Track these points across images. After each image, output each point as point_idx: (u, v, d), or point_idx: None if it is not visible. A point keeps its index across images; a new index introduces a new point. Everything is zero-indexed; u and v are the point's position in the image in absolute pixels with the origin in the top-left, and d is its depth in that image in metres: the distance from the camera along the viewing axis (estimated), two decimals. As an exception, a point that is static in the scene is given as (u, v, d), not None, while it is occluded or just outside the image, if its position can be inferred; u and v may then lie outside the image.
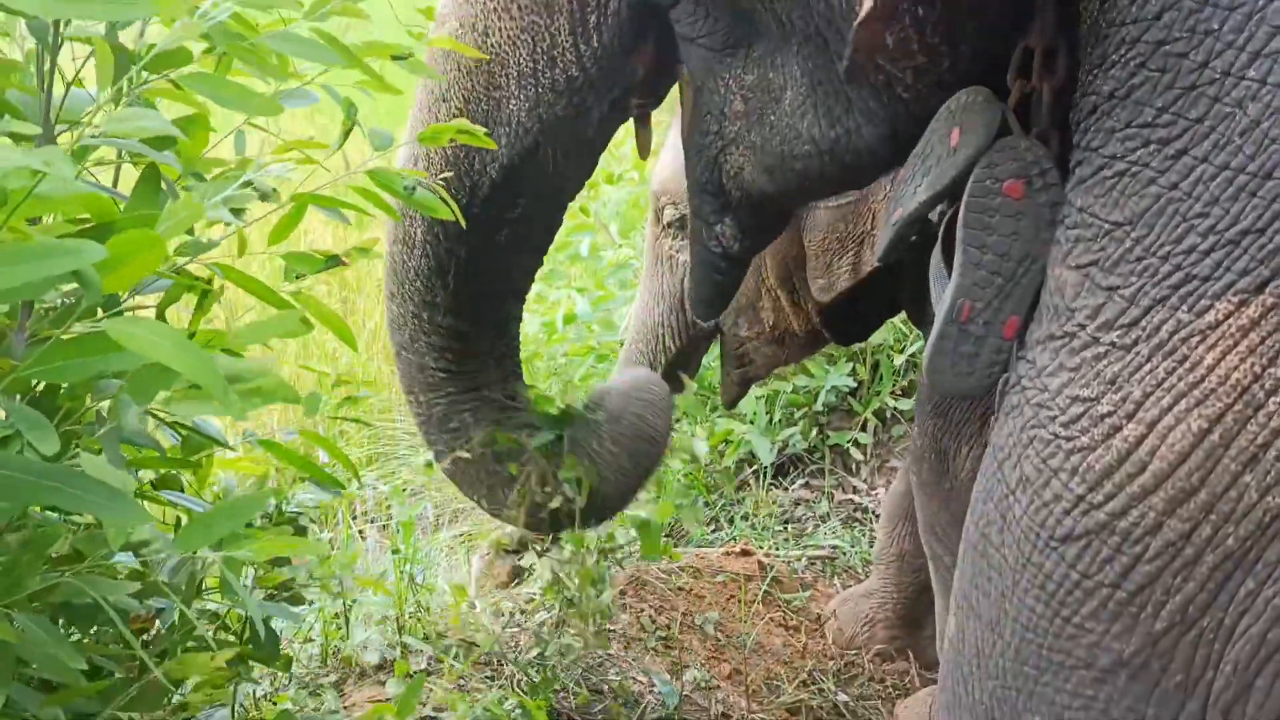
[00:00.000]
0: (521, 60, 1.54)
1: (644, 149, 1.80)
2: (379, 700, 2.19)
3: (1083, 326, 1.15)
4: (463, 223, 1.34)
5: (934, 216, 1.40)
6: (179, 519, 1.41)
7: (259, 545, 1.01)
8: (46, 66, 1.10)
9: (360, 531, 3.52)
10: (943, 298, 1.28)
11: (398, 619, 2.29)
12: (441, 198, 1.30)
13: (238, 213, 1.06)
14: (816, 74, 1.41)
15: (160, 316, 1.21)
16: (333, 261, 1.32)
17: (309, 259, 1.28)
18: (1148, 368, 1.09)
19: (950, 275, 1.28)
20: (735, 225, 1.64)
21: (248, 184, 1.04)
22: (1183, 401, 1.07)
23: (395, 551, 2.50)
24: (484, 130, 1.49)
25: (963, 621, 1.26)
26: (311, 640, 2.43)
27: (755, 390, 3.74)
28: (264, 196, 1.08)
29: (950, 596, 2.21)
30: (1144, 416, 1.09)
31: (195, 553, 1.06)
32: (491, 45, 1.55)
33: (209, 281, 1.16)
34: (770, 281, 2.43)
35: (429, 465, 2.00)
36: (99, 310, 0.91)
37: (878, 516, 3.12)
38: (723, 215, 1.64)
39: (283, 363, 4.49)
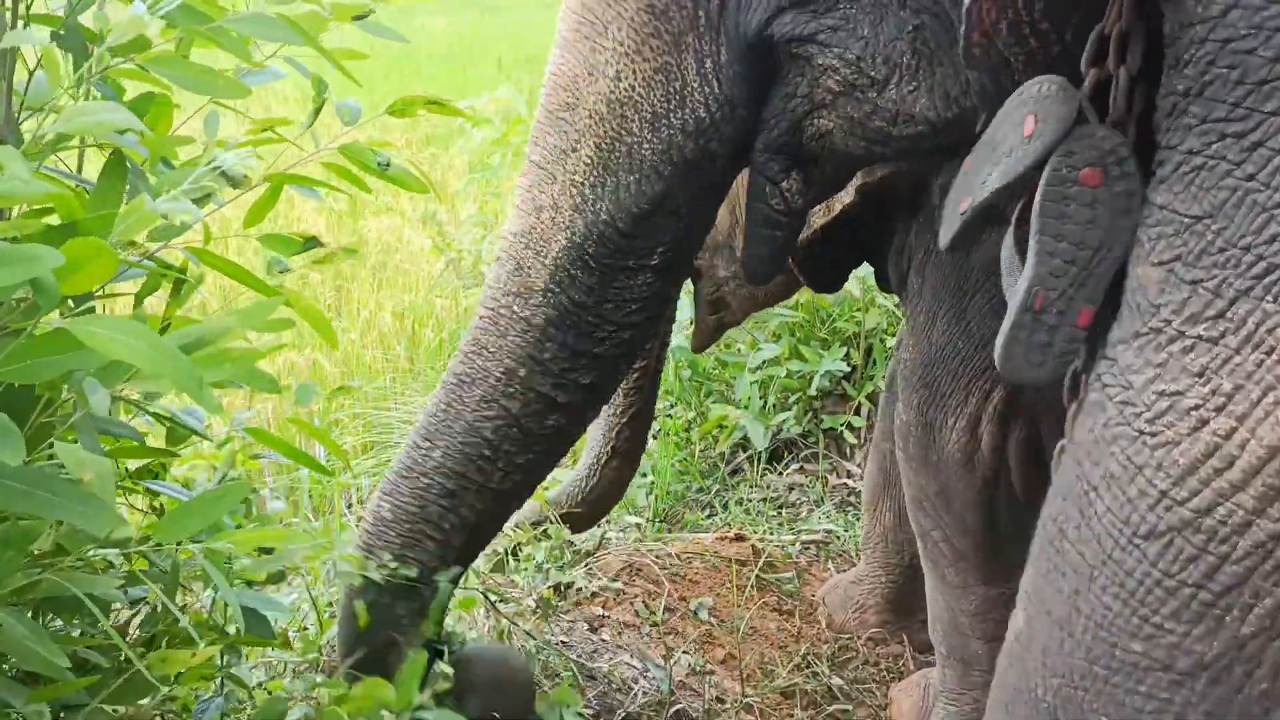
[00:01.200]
0: (655, 102, 1.57)
1: None
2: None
3: (1168, 322, 1.13)
4: (436, 193, 1.34)
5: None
6: (154, 507, 1.40)
7: (238, 537, 1.00)
8: (6, 60, 1.09)
9: (358, 520, 3.52)
10: (1016, 287, 1.27)
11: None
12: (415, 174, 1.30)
13: (204, 200, 1.05)
14: (937, 55, 1.44)
15: (138, 305, 1.21)
16: (311, 243, 1.31)
17: (287, 241, 1.28)
18: (1237, 359, 1.07)
19: (1023, 265, 1.27)
20: (801, 178, 1.66)
21: (217, 170, 1.03)
22: (1271, 394, 1.05)
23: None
24: (618, 179, 1.56)
25: (1031, 617, 1.24)
26: (306, 629, 2.43)
27: (749, 375, 3.75)
28: (234, 184, 1.07)
29: (935, 580, 2.22)
30: (1234, 409, 1.06)
31: (175, 545, 1.05)
32: (623, 90, 1.58)
33: (184, 270, 1.15)
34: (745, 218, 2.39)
35: None
36: (69, 304, 0.90)
37: (871, 500, 3.12)
38: (789, 170, 1.66)
39: (274, 353, 4.49)
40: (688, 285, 2.60)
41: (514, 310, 1.71)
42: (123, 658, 1.24)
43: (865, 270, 2.60)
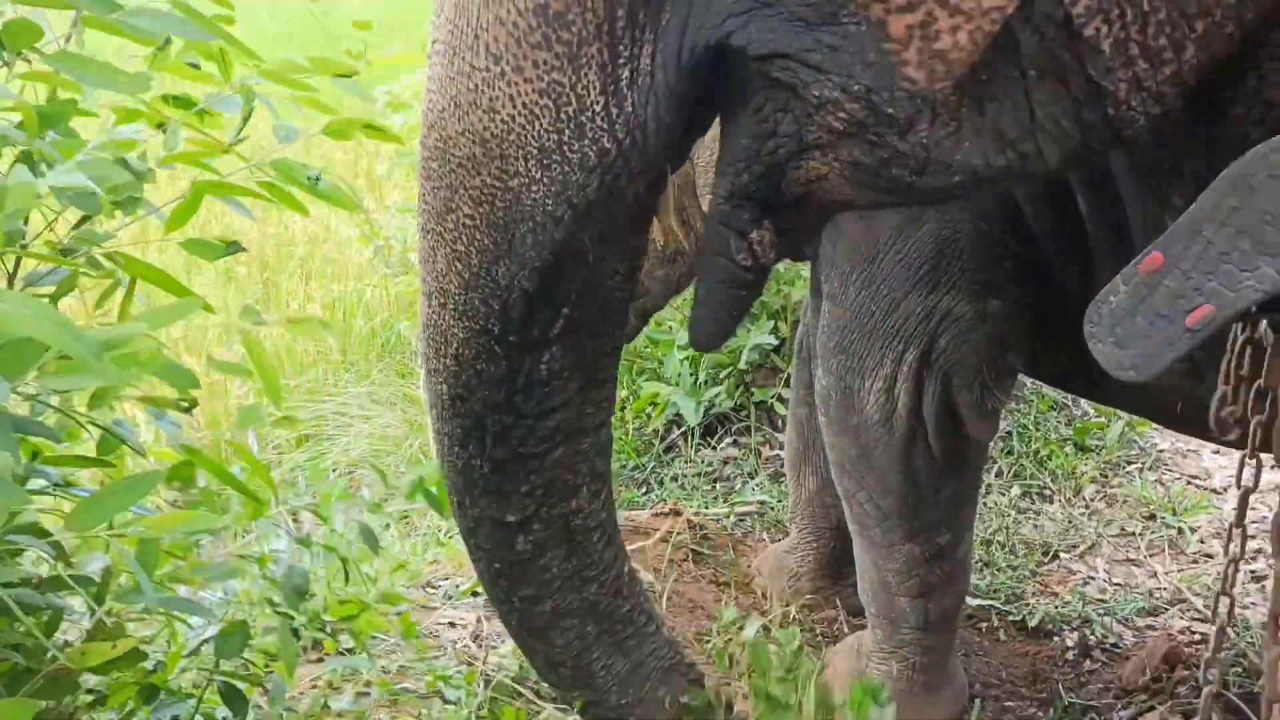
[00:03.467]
0: (542, 132, 1.28)
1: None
2: (317, 679, 2.20)
3: None
4: (363, 209, 1.32)
5: None
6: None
7: (153, 522, 1.01)
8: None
9: (294, 515, 3.50)
10: None
11: (325, 598, 2.29)
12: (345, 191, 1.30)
13: (132, 204, 1.05)
14: (991, 91, 1.20)
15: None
16: (233, 247, 1.31)
17: (210, 246, 1.28)
18: None
19: None
20: (773, 230, 1.38)
21: (123, 162, 1.03)
22: None
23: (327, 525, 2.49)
24: (511, 234, 1.30)
25: None
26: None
27: (679, 352, 3.78)
28: (140, 176, 1.07)
29: (862, 541, 2.27)
30: None
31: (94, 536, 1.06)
32: (502, 121, 1.29)
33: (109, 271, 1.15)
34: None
35: None
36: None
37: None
38: (759, 220, 1.37)
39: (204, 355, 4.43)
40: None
41: (434, 424, 1.50)
42: (49, 656, 1.24)
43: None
